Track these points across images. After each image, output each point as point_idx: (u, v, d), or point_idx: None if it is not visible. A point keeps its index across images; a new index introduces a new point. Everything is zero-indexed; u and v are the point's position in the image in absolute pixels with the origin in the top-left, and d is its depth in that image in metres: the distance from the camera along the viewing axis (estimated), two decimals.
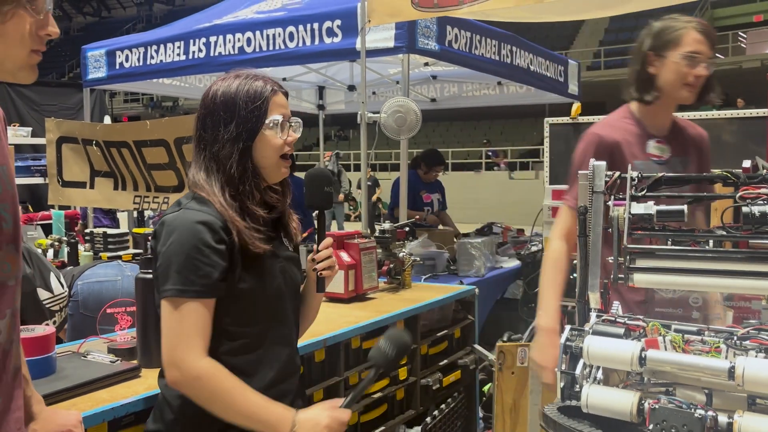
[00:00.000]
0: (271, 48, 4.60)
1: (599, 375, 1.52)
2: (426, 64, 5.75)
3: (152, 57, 5.38)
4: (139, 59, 5.48)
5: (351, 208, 22.39)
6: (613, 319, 1.57)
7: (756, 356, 1.35)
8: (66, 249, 4.59)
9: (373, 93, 6.83)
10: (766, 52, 22.08)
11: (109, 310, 2.13)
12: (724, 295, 2.22)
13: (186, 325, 1.46)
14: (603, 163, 1.90)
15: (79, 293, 2.86)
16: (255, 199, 1.59)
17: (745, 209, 1.69)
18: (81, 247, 4.46)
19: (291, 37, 4.51)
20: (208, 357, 1.48)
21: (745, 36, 23.40)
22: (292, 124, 1.65)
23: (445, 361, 3.03)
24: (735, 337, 1.44)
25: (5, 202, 1.13)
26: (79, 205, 5.70)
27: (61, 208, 5.31)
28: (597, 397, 1.42)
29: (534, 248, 4.99)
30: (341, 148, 26.15)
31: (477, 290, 3.26)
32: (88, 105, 6.37)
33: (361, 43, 3.77)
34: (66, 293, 2.71)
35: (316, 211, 1.76)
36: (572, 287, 3.69)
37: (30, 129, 6.55)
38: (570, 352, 1.49)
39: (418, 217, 5.27)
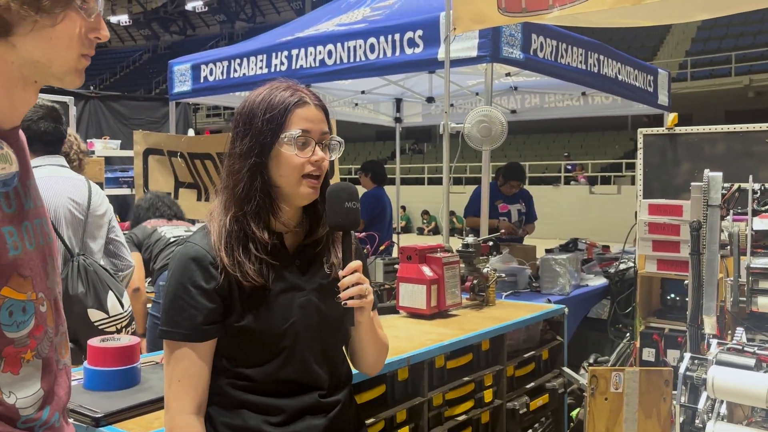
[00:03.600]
0: (351, 60, 4.58)
1: (723, 410, 1.36)
2: (507, 74, 5.61)
3: (235, 70, 5.47)
4: (222, 72, 5.58)
5: (424, 221, 22.31)
6: (740, 347, 1.40)
7: None
8: None
9: (451, 105, 6.73)
10: None
11: None
12: None
13: (176, 371, 1.38)
14: (719, 174, 1.73)
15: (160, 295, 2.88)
16: (262, 222, 1.42)
17: None
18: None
19: (372, 48, 4.47)
20: (190, 414, 1.37)
21: None
22: (324, 142, 1.45)
23: (533, 383, 2.87)
24: None
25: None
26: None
27: None
28: None
29: (623, 266, 4.75)
30: (415, 161, 26.15)
31: (566, 310, 3.09)
32: (173, 118, 6.56)
33: (445, 52, 3.68)
34: (125, 313, 2.69)
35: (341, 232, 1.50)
36: (669, 308, 3.45)
37: (119, 142, 6.79)
38: (690, 383, 1.34)
39: (503, 231, 5.11)
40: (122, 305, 2.67)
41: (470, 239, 3.17)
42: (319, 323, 1.47)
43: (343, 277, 1.43)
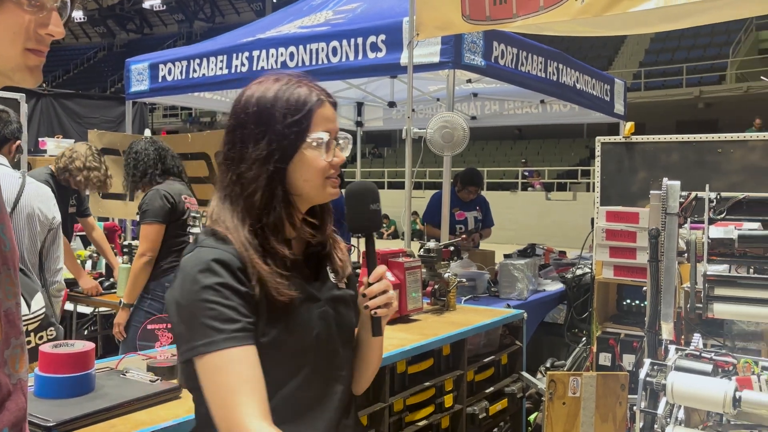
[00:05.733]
0: (314, 62, 4.56)
1: (681, 415, 1.39)
2: (468, 81, 5.65)
3: (195, 70, 5.38)
4: (181, 72, 5.49)
5: (384, 225, 22.33)
6: (698, 353, 1.43)
7: None
8: (104, 260, 4.58)
9: (413, 110, 6.75)
10: None
11: (149, 326, 2.06)
12: None
13: (229, 383, 1.14)
14: (677, 183, 1.77)
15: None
16: (281, 235, 1.28)
17: None
18: (119, 259, 4.44)
19: (334, 51, 4.46)
20: (263, 420, 1.14)
21: None
22: (340, 141, 1.34)
23: (492, 388, 2.89)
24: None
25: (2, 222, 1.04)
26: (118, 217, 5.72)
27: (100, 219, 5.33)
28: None
29: (579, 272, 4.83)
30: (375, 166, 26.17)
31: (526, 314, 3.12)
32: (130, 118, 6.42)
33: (408, 58, 3.68)
34: (31, 316, 2.56)
35: (362, 236, 1.40)
36: (625, 314, 3.51)
37: (72, 141, 6.62)
38: (650, 389, 1.36)
39: (464, 237, 5.14)
40: (29, 307, 2.53)
41: (432, 244, 3.18)
42: (337, 335, 1.34)
43: (370, 284, 1.34)
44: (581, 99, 5.64)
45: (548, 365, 4.14)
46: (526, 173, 21.73)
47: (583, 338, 4.20)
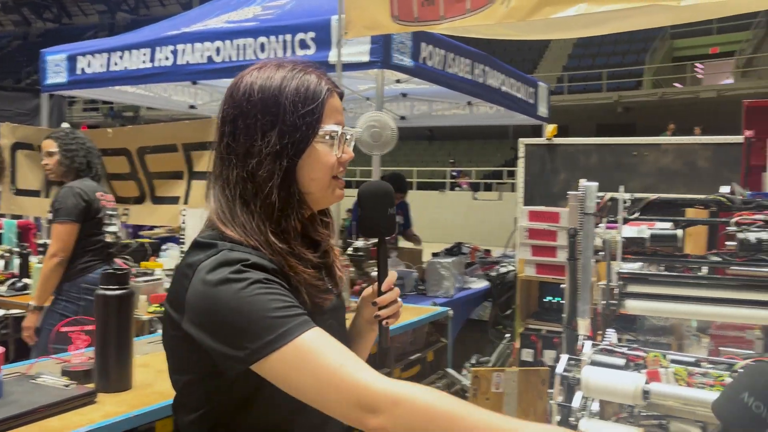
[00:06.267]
0: (241, 58, 4.48)
1: (595, 407, 1.44)
2: (398, 81, 5.69)
3: (116, 63, 5.20)
4: (102, 65, 5.29)
5: None
6: (612, 348, 1.49)
7: None
8: (17, 260, 4.36)
9: (343, 109, 6.75)
10: (721, 83, 22.79)
11: (63, 329, 1.97)
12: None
13: (327, 362, 1.01)
14: (594, 184, 1.83)
15: None
16: (299, 238, 1.18)
17: (740, 235, 1.64)
18: (34, 259, 4.24)
19: (262, 48, 4.40)
20: (384, 377, 1.01)
21: (702, 67, 24.13)
22: (348, 136, 1.22)
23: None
24: (738, 370, 1.38)
25: None
26: (31, 214, 5.45)
27: (14, 217, 5.07)
28: None
29: (503, 270, 4.94)
30: None
31: (452, 312, 3.17)
32: (46, 111, 6.13)
33: (336, 56, 3.68)
34: None
35: (375, 240, 1.32)
36: (546, 311, 3.62)
37: None
38: (566, 383, 1.41)
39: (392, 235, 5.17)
40: None
41: (360, 243, 3.19)
42: None
43: (382, 292, 1.26)
44: (506, 101, 5.77)
45: (473, 362, 4.23)
46: (454, 173, 22.09)
47: (507, 335, 4.31)
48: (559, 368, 1.43)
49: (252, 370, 1.04)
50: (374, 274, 3.17)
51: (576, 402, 1.37)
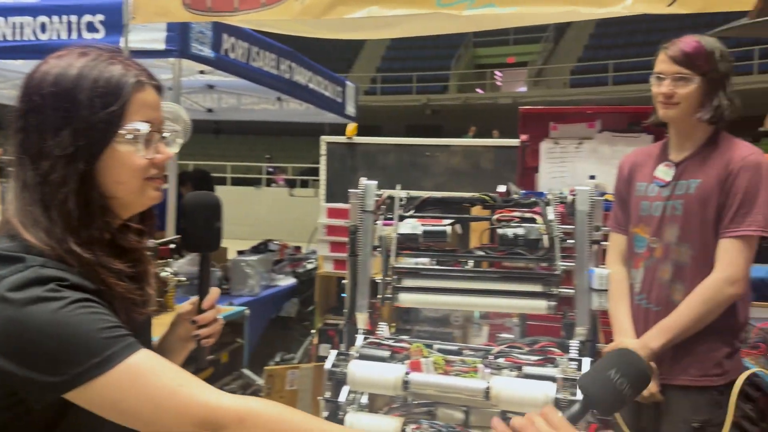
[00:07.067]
0: (17, 38, 4.04)
1: (364, 400, 1.48)
2: (201, 72, 5.48)
3: None
4: None
5: None
6: (380, 341, 1.53)
7: (509, 375, 1.40)
8: None
9: (159, 103, 6.37)
10: (517, 90, 24.91)
11: None
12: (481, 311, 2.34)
13: (161, 381, 0.96)
14: (373, 183, 1.88)
15: None
16: (105, 248, 1.06)
17: (500, 231, 1.77)
18: None
19: (43, 28, 4.00)
20: (226, 394, 1.00)
21: (500, 75, 26.20)
22: (165, 134, 1.11)
23: None
24: (491, 356, 1.48)
25: None
26: None
27: None
28: (361, 424, 1.37)
29: (309, 266, 4.98)
30: None
31: (248, 311, 3.11)
32: None
33: (124, 42, 3.45)
34: None
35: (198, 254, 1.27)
36: (344, 306, 3.68)
37: None
38: (335, 379, 1.43)
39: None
40: None
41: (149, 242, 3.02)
42: None
43: (203, 310, 1.21)
44: (314, 99, 5.80)
45: (278, 359, 4.21)
46: (270, 169, 21.90)
47: (313, 331, 4.34)
48: (328, 364, 1.44)
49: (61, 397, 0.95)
50: (164, 274, 3.00)
51: (343, 396, 1.40)
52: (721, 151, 2.08)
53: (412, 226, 1.82)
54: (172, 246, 3.20)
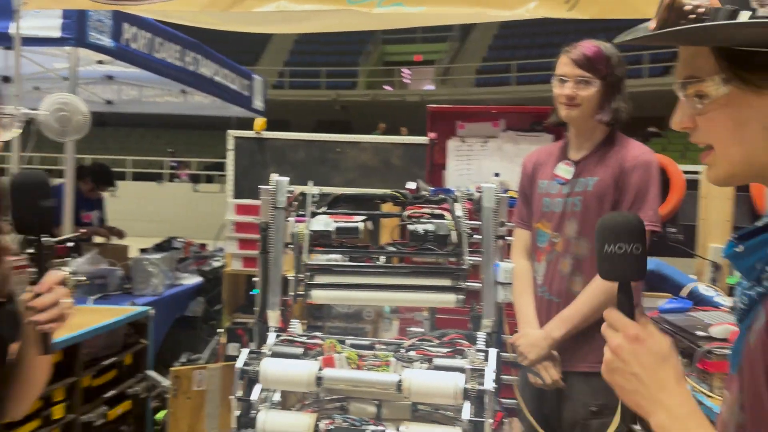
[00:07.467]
0: None
1: (276, 398, 1.47)
2: (99, 62, 5.23)
3: None
4: None
5: None
6: (292, 338, 1.53)
7: (420, 368, 1.43)
8: None
9: (36, 88, 6.00)
10: (424, 88, 25.30)
11: None
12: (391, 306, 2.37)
13: None
14: (285, 179, 1.87)
15: None
16: None
17: (410, 227, 1.80)
18: None
19: None
20: None
21: (408, 73, 26.52)
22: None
23: (113, 392, 2.72)
24: (402, 350, 1.51)
25: None
26: None
27: None
28: (273, 422, 1.36)
29: (216, 264, 4.87)
30: None
31: (153, 311, 3.01)
32: None
33: (15, 29, 3.24)
34: None
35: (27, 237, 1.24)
36: (253, 304, 3.65)
37: None
38: (248, 377, 1.41)
39: (85, 231, 4.73)
40: None
41: (44, 239, 2.86)
42: None
43: (38, 294, 1.18)
44: (220, 92, 5.67)
45: (184, 360, 4.09)
46: (174, 164, 21.20)
47: (220, 330, 4.25)
48: (239, 362, 1.42)
49: None
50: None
51: (255, 395, 1.39)
52: (616, 150, 2.21)
53: (324, 222, 1.82)
54: (70, 244, 3.05)
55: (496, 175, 3.18)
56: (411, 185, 3.14)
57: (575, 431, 2.16)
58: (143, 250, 4.87)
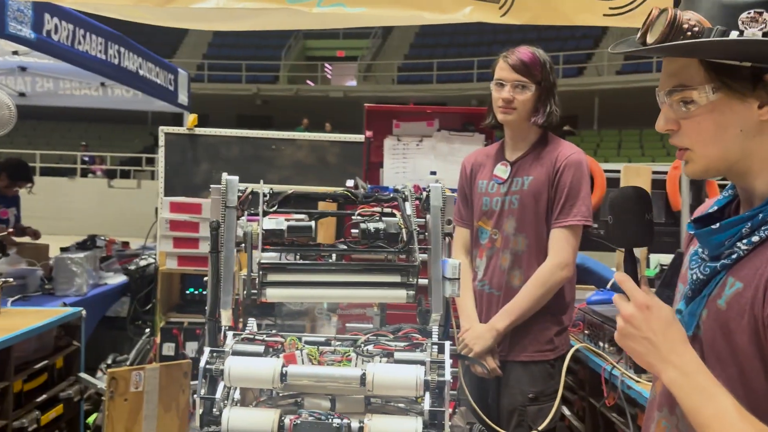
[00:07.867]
0: None
1: (237, 396, 1.48)
2: (15, 52, 4.99)
3: None
4: None
5: None
6: (252, 337, 1.54)
7: (381, 362, 1.48)
8: None
9: None
10: (346, 84, 25.31)
11: None
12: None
13: None
14: (236, 178, 1.88)
15: None
16: None
17: (362, 225, 1.84)
18: None
19: None
20: None
21: (330, 68, 26.46)
22: None
23: (45, 396, 2.63)
24: (361, 345, 1.56)
25: None
26: None
27: None
28: (238, 419, 1.38)
29: (143, 263, 4.74)
30: None
31: (84, 312, 2.92)
32: None
33: None
34: None
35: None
36: (188, 303, 3.59)
37: None
38: (210, 376, 1.42)
39: (12, 230, 4.53)
40: None
41: None
42: None
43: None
44: (144, 86, 5.51)
45: (110, 362, 3.97)
46: (87, 158, 20.32)
47: (147, 330, 4.15)
48: (202, 362, 1.43)
49: None
50: None
51: (218, 393, 1.40)
52: (548, 151, 2.34)
53: (276, 221, 1.83)
54: None
55: (433, 173, 3.27)
56: (350, 183, 3.20)
57: (514, 417, 2.27)
58: (64, 249, 4.69)
